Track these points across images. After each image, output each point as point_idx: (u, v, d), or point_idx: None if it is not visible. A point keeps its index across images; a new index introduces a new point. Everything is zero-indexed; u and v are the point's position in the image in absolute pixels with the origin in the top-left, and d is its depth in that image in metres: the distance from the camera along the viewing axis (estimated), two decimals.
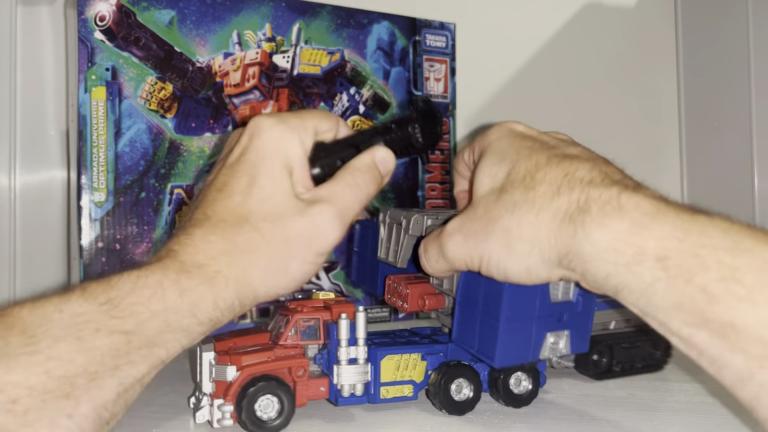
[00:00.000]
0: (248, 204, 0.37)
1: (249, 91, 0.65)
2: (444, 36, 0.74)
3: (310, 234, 0.37)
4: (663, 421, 0.41)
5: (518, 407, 0.43)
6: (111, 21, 0.59)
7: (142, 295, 0.33)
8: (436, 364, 0.43)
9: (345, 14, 0.69)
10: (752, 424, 0.40)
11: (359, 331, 0.41)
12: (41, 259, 0.79)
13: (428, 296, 0.45)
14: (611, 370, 0.51)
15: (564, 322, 0.40)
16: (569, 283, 0.40)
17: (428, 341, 0.45)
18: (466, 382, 0.42)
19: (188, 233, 0.36)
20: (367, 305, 0.69)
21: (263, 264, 0.36)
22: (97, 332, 0.31)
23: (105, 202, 0.59)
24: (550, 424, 0.41)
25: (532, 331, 0.39)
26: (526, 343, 0.39)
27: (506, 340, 0.38)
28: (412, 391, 0.42)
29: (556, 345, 0.40)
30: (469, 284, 0.41)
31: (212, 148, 0.63)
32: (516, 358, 0.39)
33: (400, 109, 0.72)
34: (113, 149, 0.59)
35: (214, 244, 0.36)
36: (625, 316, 0.52)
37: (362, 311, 0.41)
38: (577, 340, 0.41)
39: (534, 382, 0.44)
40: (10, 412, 0.28)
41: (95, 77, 0.59)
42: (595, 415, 0.42)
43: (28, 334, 0.30)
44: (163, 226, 0.61)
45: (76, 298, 0.32)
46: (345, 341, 0.41)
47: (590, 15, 0.96)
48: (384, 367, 0.42)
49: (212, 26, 0.63)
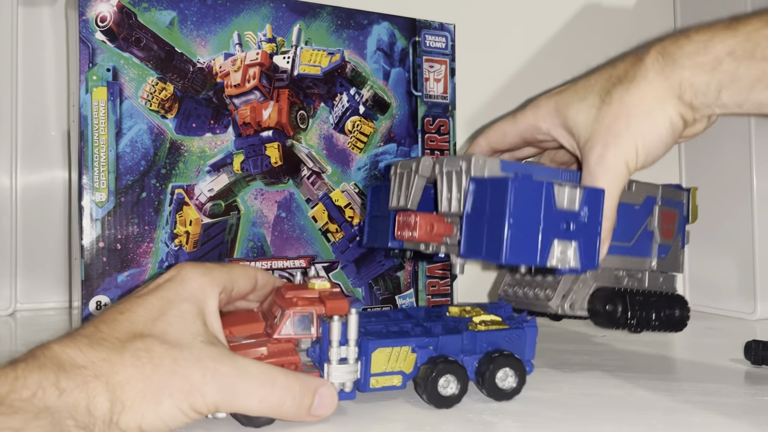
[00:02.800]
0: (149, 330, 0.36)
1: (249, 91, 0.65)
2: (444, 37, 0.74)
3: (194, 384, 0.35)
4: (663, 421, 0.41)
5: (500, 400, 0.44)
6: (112, 22, 0.59)
7: (22, 394, 0.31)
8: (426, 357, 0.43)
9: (345, 15, 0.69)
10: (753, 424, 0.40)
11: (351, 333, 0.41)
12: (42, 259, 0.79)
13: (437, 222, 0.45)
14: (627, 323, 0.49)
15: (571, 232, 0.41)
16: (574, 189, 0.41)
17: (420, 331, 0.45)
18: (454, 378, 0.43)
19: (73, 338, 0.34)
20: (367, 304, 0.70)
21: (140, 387, 0.34)
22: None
23: (106, 202, 0.59)
24: (549, 423, 0.41)
25: (538, 234, 0.40)
26: (533, 244, 0.40)
27: (512, 236, 0.39)
28: (401, 381, 0.43)
29: (564, 255, 0.41)
30: (476, 198, 0.41)
31: (213, 149, 0.63)
32: (523, 257, 0.40)
33: (399, 109, 0.72)
34: (114, 149, 0.59)
35: (98, 352, 0.34)
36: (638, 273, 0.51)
37: (354, 314, 0.41)
38: (586, 255, 0.41)
39: (519, 381, 0.44)
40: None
41: (96, 78, 0.59)
42: (595, 415, 0.42)
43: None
44: (163, 226, 0.61)
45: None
46: (336, 342, 0.41)
47: (590, 15, 0.96)
48: (375, 359, 0.42)
49: (213, 27, 0.63)
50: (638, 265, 0.51)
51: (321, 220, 0.68)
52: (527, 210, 0.40)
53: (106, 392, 0.33)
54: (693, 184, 0.88)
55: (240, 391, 0.36)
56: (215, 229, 0.63)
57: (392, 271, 0.71)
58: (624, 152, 0.43)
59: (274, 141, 0.66)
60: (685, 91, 0.42)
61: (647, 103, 0.43)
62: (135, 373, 0.34)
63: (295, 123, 0.67)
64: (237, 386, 0.36)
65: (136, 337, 0.35)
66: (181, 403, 0.34)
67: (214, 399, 0.35)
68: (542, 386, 0.48)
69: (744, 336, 0.60)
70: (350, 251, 0.69)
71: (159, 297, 0.38)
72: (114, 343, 0.34)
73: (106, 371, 0.33)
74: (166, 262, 0.61)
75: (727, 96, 0.41)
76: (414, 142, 0.73)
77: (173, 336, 0.36)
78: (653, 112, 0.43)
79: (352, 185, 0.69)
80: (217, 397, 0.35)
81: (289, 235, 0.67)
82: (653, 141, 0.43)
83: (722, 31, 0.42)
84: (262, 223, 0.65)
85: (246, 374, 0.36)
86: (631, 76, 0.44)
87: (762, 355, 0.53)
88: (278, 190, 0.66)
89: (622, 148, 0.43)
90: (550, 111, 0.49)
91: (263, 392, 0.37)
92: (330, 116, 0.68)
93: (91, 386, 0.32)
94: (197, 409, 0.35)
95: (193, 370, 0.35)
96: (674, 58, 0.43)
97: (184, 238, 0.62)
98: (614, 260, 0.50)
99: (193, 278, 0.39)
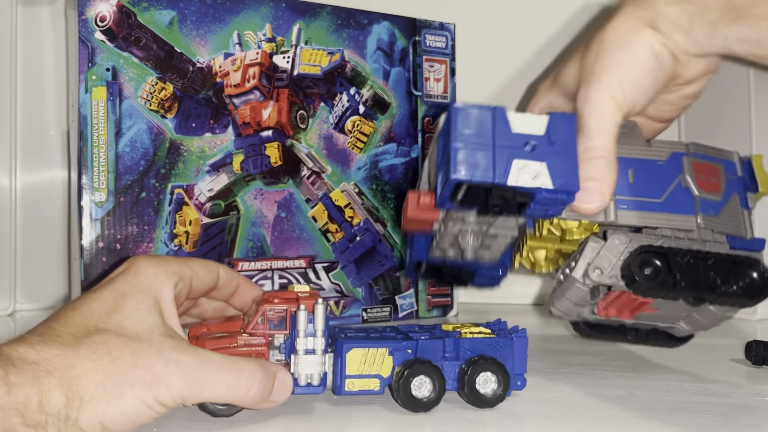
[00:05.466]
0: (104, 325, 0.34)
1: (249, 91, 0.65)
2: (444, 36, 0.74)
3: (157, 375, 0.33)
4: (663, 421, 0.41)
5: (482, 408, 0.42)
6: (111, 21, 0.59)
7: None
8: (402, 360, 0.43)
9: (345, 15, 0.69)
10: (753, 424, 0.40)
11: (318, 323, 0.41)
12: (42, 259, 0.79)
13: (424, 194, 0.44)
14: (677, 286, 0.41)
15: (535, 153, 0.38)
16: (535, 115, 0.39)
17: (402, 337, 0.44)
18: (428, 379, 0.42)
19: (24, 338, 0.33)
20: (367, 305, 0.70)
21: (99, 379, 0.32)
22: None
23: (105, 202, 0.59)
24: (549, 423, 0.41)
25: (492, 153, 0.38)
26: (488, 161, 0.38)
27: (462, 154, 0.38)
28: (378, 386, 0.42)
29: (529, 174, 0.38)
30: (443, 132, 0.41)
31: (212, 149, 0.63)
32: (479, 174, 0.38)
33: (399, 109, 0.72)
34: (114, 149, 0.59)
35: (52, 348, 0.32)
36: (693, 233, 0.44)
37: (321, 304, 0.41)
38: (561, 174, 0.38)
39: (502, 386, 0.42)
40: None
41: (96, 77, 0.59)
42: (595, 415, 0.42)
43: None
44: (163, 226, 0.61)
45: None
46: (303, 332, 0.41)
47: (590, 15, 0.96)
48: (350, 359, 0.42)
49: (212, 27, 0.63)
50: (681, 224, 0.44)
51: (321, 220, 0.68)
52: (478, 134, 0.38)
53: (60, 387, 0.31)
54: None
55: (205, 380, 0.35)
56: (215, 229, 0.63)
57: (392, 271, 0.71)
58: (606, 86, 0.42)
59: (274, 141, 0.66)
60: (661, 23, 0.42)
61: (623, 35, 0.42)
62: (92, 366, 0.32)
63: (295, 123, 0.67)
64: (202, 375, 0.35)
65: (91, 332, 0.34)
66: (145, 395, 0.33)
67: (179, 389, 0.34)
68: (542, 386, 0.48)
69: (744, 336, 0.60)
70: (350, 251, 0.69)
71: (112, 290, 0.36)
72: (68, 338, 0.33)
73: (60, 366, 0.32)
74: None
75: (700, 30, 0.41)
76: (414, 141, 0.72)
77: (130, 329, 0.35)
78: (630, 41, 0.42)
79: (352, 185, 0.69)
80: (182, 387, 0.34)
81: (289, 235, 0.66)
82: (636, 70, 0.42)
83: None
84: (261, 223, 0.65)
85: (210, 362, 0.35)
86: (608, 21, 0.44)
87: (762, 356, 0.53)
88: (278, 190, 0.66)
89: (604, 82, 0.42)
90: (552, 85, 0.49)
91: (230, 378, 0.36)
92: (330, 116, 0.68)
93: (44, 381, 0.31)
94: (162, 402, 0.34)
95: (155, 361, 0.34)
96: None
97: (183, 238, 0.62)
98: (646, 217, 0.44)
99: (146, 269, 0.38)
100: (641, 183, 0.44)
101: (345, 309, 0.69)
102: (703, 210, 0.44)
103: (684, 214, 0.44)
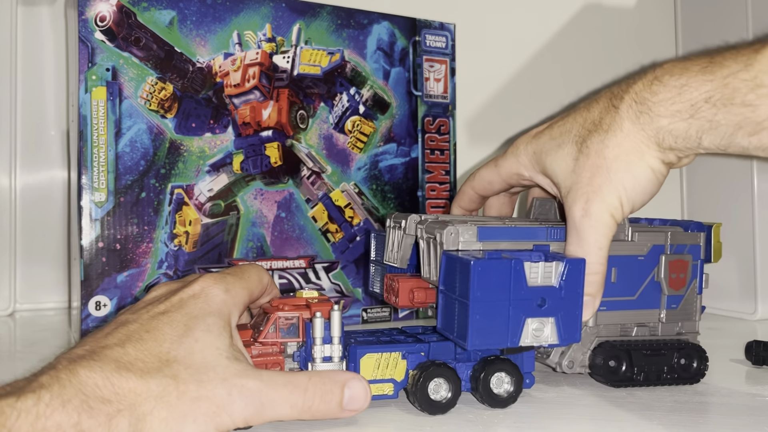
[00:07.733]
0: (176, 351, 0.36)
1: (249, 91, 0.65)
2: (444, 36, 0.74)
3: (220, 404, 0.35)
4: (663, 421, 0.41)
5: (495, 407, 0.43)
6: (111, 21, 0.59)
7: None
8: (417, 363, 0.43)
9: (345, 14, 0.69)
10: (753, 424, 0.40)
11: (334, 330, 0.41)
12: (42, 259, 0.79)
13: (417, 290, 0.45)
14: (632, 378, 0.47)
15: (547, 308, 0.40)
16: (550, 264, 0.40)
17: (412, 340, 0.44)
18: (445, 381, 0.42)
19: (100, 359, 0.34)
20: (367, 305, 0.70)
21: (163, 416, 0.34)
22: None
23: (105, 202, 0.59)
24: (549, 423, 0.41)
25: (507, 314, 0.39)
26: (502, 327, 0.39)
27: (478, 320, 0.38)
28: (393, 390, 0.42)
29: (539, 332, 0.40)
30: (448, 270, 0.41)
31: (212, 149, 0.63)
32: (491, 341, 0.39)
33: (399, 109, 0.72)
34: (114, 149, 0.59)
35: (126, 380, 0.33)
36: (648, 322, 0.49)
37: (337, 310, 0.41)
38: (566, 329, 0.40)
39: (516, 385, 0.43)
40: None
41: (96, 77, 0.59)
42: (595, 416, 0.42)
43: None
44: (163, 226, 0.61)
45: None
46: (319, 339, 0.41)
47: (590, 15, 0.96)
48: (364, 365, 0.42)
49: (212, 27, 0.63)
50: (645, 318, 0.49)
51: (321, 220, 0.68)
52: (494, 291, 0.39)
53: (128, 427, 0.33)
54: (693, 185, 0.88)
55: (269, 403, 0.36)
56: (215, 229, 0.63)
57: None
58: (608, 205, 0.43)
59: (274, 141, 0.66)
60: (665, 139, 0.42)
61: (626, 154, 0.43)
62: (159, 404, 0.34)
63: (295, 123, 0.67)
64: (265, 398, 0.36)
65: (162, 364, 0.35)
66: (206, 427, 0.35)
67: (242, 415, 0.36)
68: (542, 387, 0.48)
69: (745, 336, 0.60)
70: (350, 251, 0.69)
71: (184, 314, 0.38)
72: (141, 368, 0.34)
73: (130, 403, 0.33)
74: (165, 262, 0.61)
75: (709, 141, 0.40)
76: (414, 141, 0.72)
77: (199, 355, 0.36)
78: (633, 163, 0.42)
79: (352, 185, 0.69)
80: (245, 413, 0.36)
81: (289, 235, 0.66)
82: (636, 190, 0.43)
83: (698, 75, 0.40)
84: (261, 223, 0.65)
85: (273, 384, 0.37)
86: (606, 126, 0.43)
87: (763, 356, 0.53)
88: (278, 190, 0.66)
89: (606, 201, 0.43)
90: (530, 158, 0.49)
91: (293, 398, 0.37)
92: (330, 116, 0.68)
93: (113, 422, 0.32)
94: (223, 429, 0.35)
95: (219, 389, 0.35)
96: (649, 105, 0.42)
97: (183, 238, 0.62)
98: (617, 315, 0.48)
99: (217, 295, 0.40)
100: (621, 281, 0.48)
101: (345, 309, 0.69)
102: (667, 305, 0.49)
103: (651, 308, 0.49)
